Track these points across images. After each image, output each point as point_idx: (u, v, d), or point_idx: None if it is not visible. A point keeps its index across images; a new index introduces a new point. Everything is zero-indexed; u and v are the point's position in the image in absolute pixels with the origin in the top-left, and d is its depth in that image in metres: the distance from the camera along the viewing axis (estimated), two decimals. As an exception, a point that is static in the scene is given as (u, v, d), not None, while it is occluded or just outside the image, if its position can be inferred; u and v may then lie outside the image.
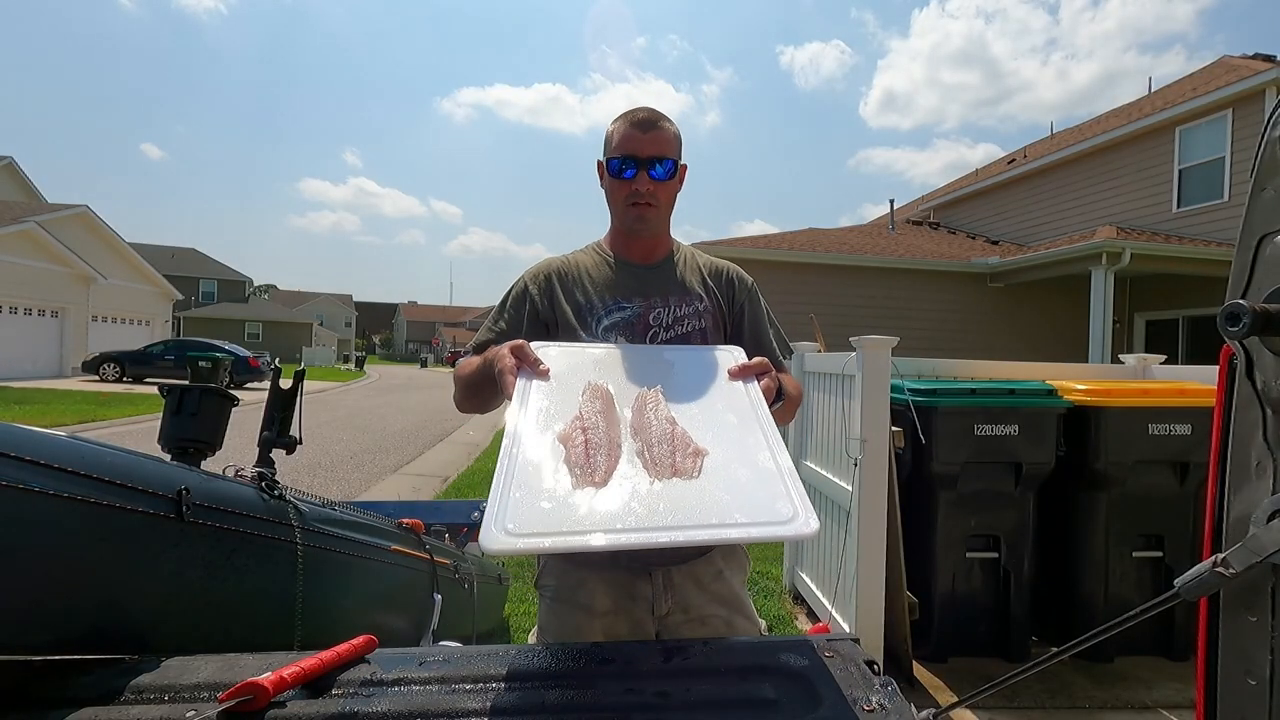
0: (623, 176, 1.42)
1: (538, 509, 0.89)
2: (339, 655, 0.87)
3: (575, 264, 1.51)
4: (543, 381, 1.16)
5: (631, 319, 1.44)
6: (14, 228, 17.81)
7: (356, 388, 24.57)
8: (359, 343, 63.31)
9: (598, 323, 1.44)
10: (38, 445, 0.94)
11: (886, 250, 12.86)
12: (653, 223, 1.46)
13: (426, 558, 2.00)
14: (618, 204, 1.46)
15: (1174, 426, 3.24)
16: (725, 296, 1.53)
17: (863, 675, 0.85)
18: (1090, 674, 3.20)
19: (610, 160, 1.44)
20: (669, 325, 1.45)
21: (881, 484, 3.06)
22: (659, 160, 1.41)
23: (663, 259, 1.53)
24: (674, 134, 1.45)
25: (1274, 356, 1.04)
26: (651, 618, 1.35)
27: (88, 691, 0.81)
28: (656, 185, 1.42)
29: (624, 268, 1.50)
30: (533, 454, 0.99)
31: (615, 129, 1.44)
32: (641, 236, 1.48)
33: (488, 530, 0.84)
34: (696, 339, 1.46)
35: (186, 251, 46.79)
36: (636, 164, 1.40)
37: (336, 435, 11.29)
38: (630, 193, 1.42)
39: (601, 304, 1.45)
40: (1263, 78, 10.09)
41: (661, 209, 1.46)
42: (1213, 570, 1.08)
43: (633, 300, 1.46)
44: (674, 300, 1.47)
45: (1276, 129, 1.08)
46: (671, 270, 1.51)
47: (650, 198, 1.42)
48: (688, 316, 1.46)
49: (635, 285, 1.48)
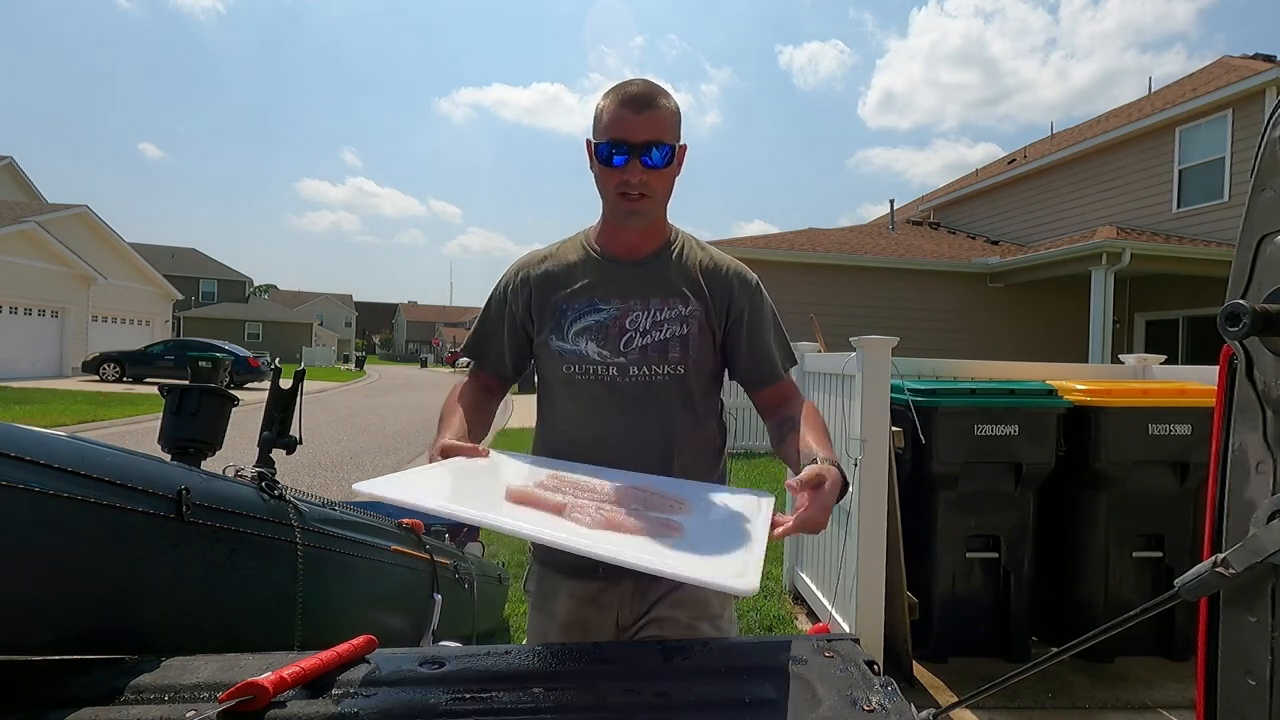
0: (612, 164, 1.25)
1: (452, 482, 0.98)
2: (339, 655, 0.87)
3: (558, 259, 1.39)
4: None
5: (605, 322, 1.32)
6: (14, 228, 17.81)
7: (356, 388, 24.57)
8: (359, 343, 63.31)
9: (570, 326, 1.34)
10: (38, 445, 0.94)
11: (886, 250, 12.87)
12: (646, 215, 1.31)
13: (426, 558, 2.00)
14: (607, 192, 1.30)
15: (1174, 426, 3.24)
16: (720, 298, 1.37)
17: (863, 675, 0.85)
18: (1090, 674, 3.20)
19: (599, 145, 1.26)
20: (645, 330, 1.33)
21: (881, 484, 3.05)
22: (654, 145, 1.24)
23: (651, 254, 1.38)
24: (672, 113, 1.27)
25: (1274, 356, 1.04)
26: (616, 629, 1.35)
27: (88, 691, 0.81)
28: (650, 174, 1.25)
29: (607, 265, 1.36)
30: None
31: (605, 106, 1.26)
32: (632, 229, 1.34)
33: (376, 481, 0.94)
34: (675, 347, 1.33)
35: (186, 251, 46.80)
36: (628, 150, 1.23)
37: (336, 435, 11.28)
38: (620, 182, 1.26)
39: (576, 306, 1.34)
40: (1263, 78, 10.10)
41: (656, 199, 1.30)
42: (1213, 570, 1.08)
43: (610, 302, 1.33)
44: (655, 302, 1.33)
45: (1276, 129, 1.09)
46: (659, 267, 1.37)
47: (643, 188, 1.26)
48: (668, 321, 1.33)
49: (615, 285, 1.35)
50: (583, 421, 1.35)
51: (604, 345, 1.32)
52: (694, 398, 1.36)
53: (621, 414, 1.33)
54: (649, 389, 1.33)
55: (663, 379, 1.33)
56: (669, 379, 1.33)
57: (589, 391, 1.33)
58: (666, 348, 1.32)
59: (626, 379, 1.32)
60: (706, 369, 1.37)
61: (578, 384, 1.34)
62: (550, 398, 1.42)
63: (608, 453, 1.31)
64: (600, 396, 1.33)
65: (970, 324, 12.25)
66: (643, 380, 1.33)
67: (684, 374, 1.33)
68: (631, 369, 1.32)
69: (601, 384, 1.33)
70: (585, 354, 1.32)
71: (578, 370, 1.33)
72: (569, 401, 1.36)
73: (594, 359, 1.32)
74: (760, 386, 1.41)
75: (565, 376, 1.35)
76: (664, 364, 1.32)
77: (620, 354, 1.31)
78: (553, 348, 1.34)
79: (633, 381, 1.32)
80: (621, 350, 1.31)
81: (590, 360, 1.32)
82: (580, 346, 1.32)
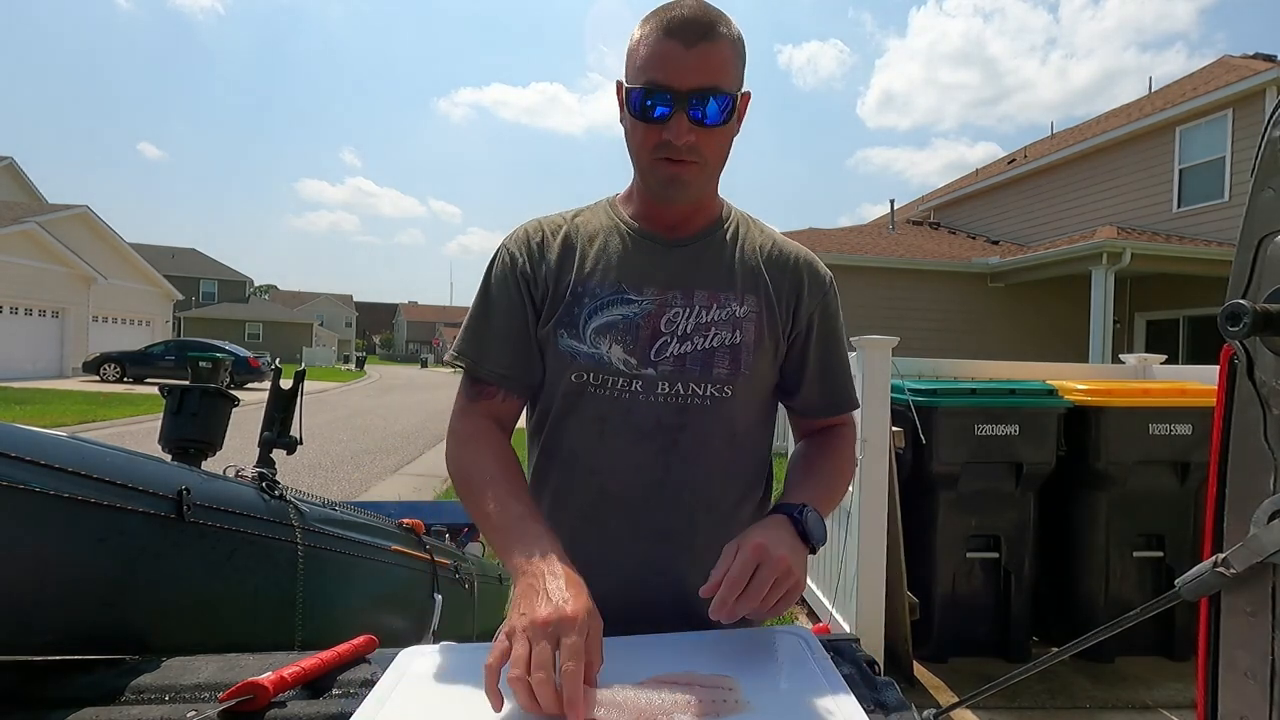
0: (650, 118, 0.92)
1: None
2: (339, 655, 0.87)
3: (576, 228, 1.05)
4: None
5: (635, 319, 0.98)
6: (14, 228, 17.81)
7: (357, 388, 24.57)
8: (359, 343, 63.38)
9: (587, 320, 0.99)
10: (38, 445, 0.94)
11: (887, 250, 12.87)
12: (692, 187, 0.97)
13: (427, 558, 2.00)
14: (642, 154, 0.96)
15: (1174, 426, 3.24)
16: (787, 298, 1.05)
17: (863, 675, 0.85)
18: (1090, 674, 3.19)
19: (631, 90, 0.93)
20: (685, 334, 0.99)
21: (882, 484, 3.06)
22: (711, 93, 0.90)
23: (701, 231, 1.05)
24: (733, 44, 0.93)
25: (1274, 356, 1.04)
26: None
27: (88, 691, 0.81)
28: (702, 133, 0.92)
29: (642, 241, 1.03)
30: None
31: (643, 36, 0.92)
32: (673, 204, 1.01)
33: None
34: (723, 360, 0.99)
35: (186, 252, 46.86)
36: (672, 99, 0.90)
37: (337, 435, 11.29)
38: (660, 142, 0.92)
39: (598, 292, 1.00)
40: (1263, 78, 10.09)
41: (708, 166, 0.96)
42: (1213, 570, 1.08)
43: (643, 291, 1.00)
44: (701, 296, 1.00)
45: (1276, 129, 1.09)
46: (711, 249, 1.04)
47: (691, 152, 0.93)
48: (716, 324, 0.99)
49: (653, 268, 1.01)
50: (580, 452, 1.02)
51: (631, 350, 0.98)
52: (739, 433, 1.03)
53: (636, 447, 0.99)
54: (679, 415, 0.99)
55: (700, 403, 0.99)
56: (709, 404, 1.00)
57: (597, 412, 1.00)
58: (712, 360, 0.99)
59: (651, 398, 0.99)
60: (761, 392, 1.05)
61: (588, 400, 1.00)
62: (544, 417, 1.06)
63: (599, 504, 1.01)
64: (611, 419, 1.00)
65: (970, 324, 12.24)
66: (673, 403, 0.99)
67: (731, 397, 1.00)
68: (661, 385, 0.99)
69: (617, 403, 0.99)
70: (607, 359, 0.98)
71: (592, 380, 0.99)
72: (573, 425, 1.02)
73: (619, 367, 0.98)
74: (821, 417, 1.11)
75: (574, 387, 1.00)
76: (706, 382, 0.99)
77: (650, 364, 0.98)
78: (561, 346, 1.00)
79: (658, 403, 0.99)
80: (652, 359, 0.98)
81: (612, 369, 0.99)
82: (601, 349, 0.98)
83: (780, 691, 0.77)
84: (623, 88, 0.96)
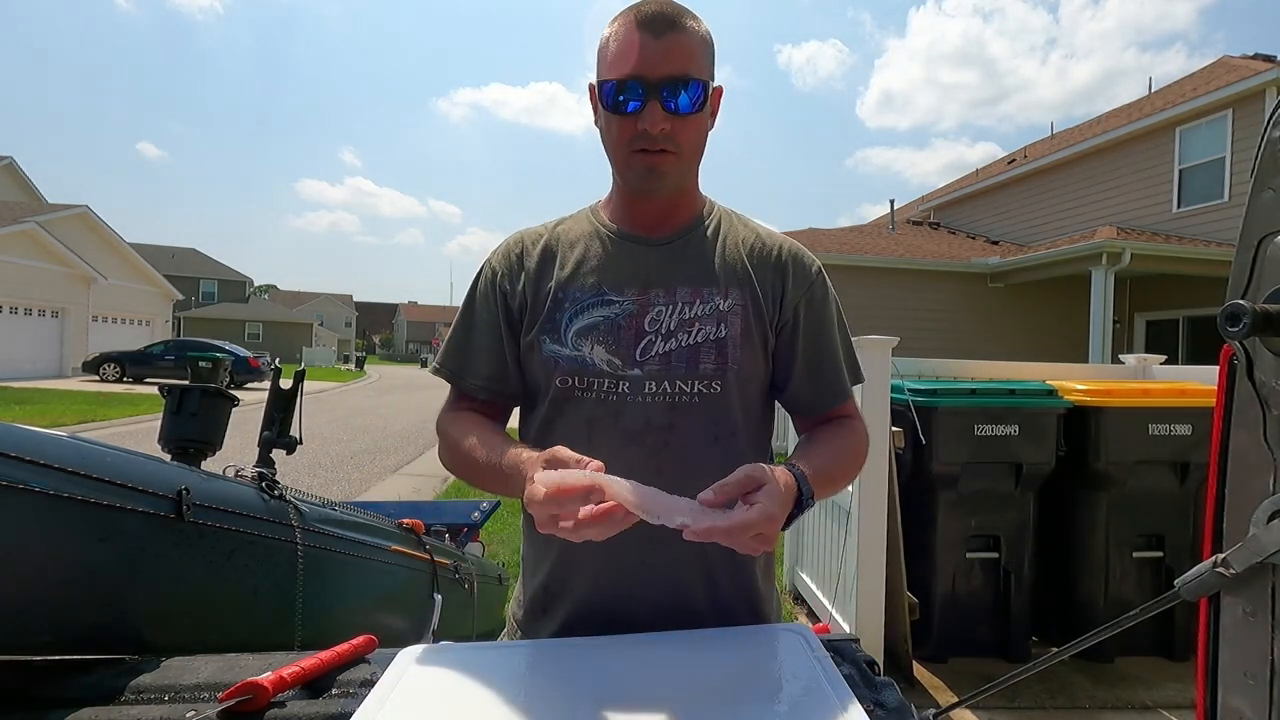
0: (624, 110, 0.95)
1: None
2: (339, 655, 0.87)
3: (557, 237, 1.07)
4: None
5: (617, 320, 0.99)
6: (14, 228, 17.82)
7: (357, 388, 24.57)
8: (359, 343, 63.36)
9: (569, 323, 1.00)
10: (38, 445, 0.94)
11: (886, 250, 12.86)
12: (670, 176, 0.98)
13: (427, 558, 2.00)
14: (619, 150, 0.98)
15: (1174, 426, 3.24)
16: (772, 289, 1.04)
17: (863, 675, 0.85)
18: (1090, 674, 3.20)
19: (604, 84, 0.96)
20: (670, 331, 0.99)
21: (881, 484, 3.06)
22: (681, 82, 0.93)
23: (681, 229, 1.05)
24: (702, 38, 0.97)
25: (1274, 356, 1.04)
26: None
27: (88, 691, 0.81)
28: (676, 121, 0.94)
29: (622, 243, 1.04)
30: None
31: (613, 32, 0.96)
32: (653, 196, 1.02)
33: None
34: (709, 355, 0.99)
35: (186, 252, 46.84)
36: (644, 89, 0.93)
37: (337, 435, 11.29)
38: (636, 134, 0.95)
39: (578, 296, 1.01)
40: (1263, 78, 10.09)
41: (683, 156, 0.98)
42: (1213, 570, 1.08)
43: (623, 292, 1.00)
44: (684, 293, 1.00)
45: (1276, 129, 1.09)
46: (689, 247, 1.04)
47: (666, 141, 0.95)
48: (700, 319, 0.99)
49: (633, 269, 1.02)
50: None
51: (615, 351, 0.99)
52: (733, 428, 1.02)
53: (627, 449, 0.98)
54: (668, 414, 0.99)
55: (689, 400, 0.99)
56: (699, 400, 0.99)
57: (584, 415, 1.00)
58: (697, 355, 0.99)
59: (639, 399, 0.98)
60: (752, 387, 1.04)
61: (575, 404, 1.00)
62: (534, 423, 1.06)
63: None
64: (599, 422, 0.99)
65: (970, 324, 12.24)
66: (661, 402, 0.99)
67: (720, 392, 1.00)
68: (648, 385, 0.98)
69: (605, 405, 0.99)
70: (590, 361, 0.99)
71: (577, 384, 1.00)
72: (561, 430, 1.02)
73: (602, 369, 0.99)
74: (815, 412, 1.08)
75: (560, 392, 1.01)
76: (693, 378, 0.99)
77: (635, 364, 0.98)
78: (545, 352, 1.00)
79: (645, 403, 0.98)
80: (638, 359, 0.98)
81: (596, 371, 0.99)
82: (583, 351, 0.99)
83: (780, 690, 0.79)
84: (595, 91, 1.00)
